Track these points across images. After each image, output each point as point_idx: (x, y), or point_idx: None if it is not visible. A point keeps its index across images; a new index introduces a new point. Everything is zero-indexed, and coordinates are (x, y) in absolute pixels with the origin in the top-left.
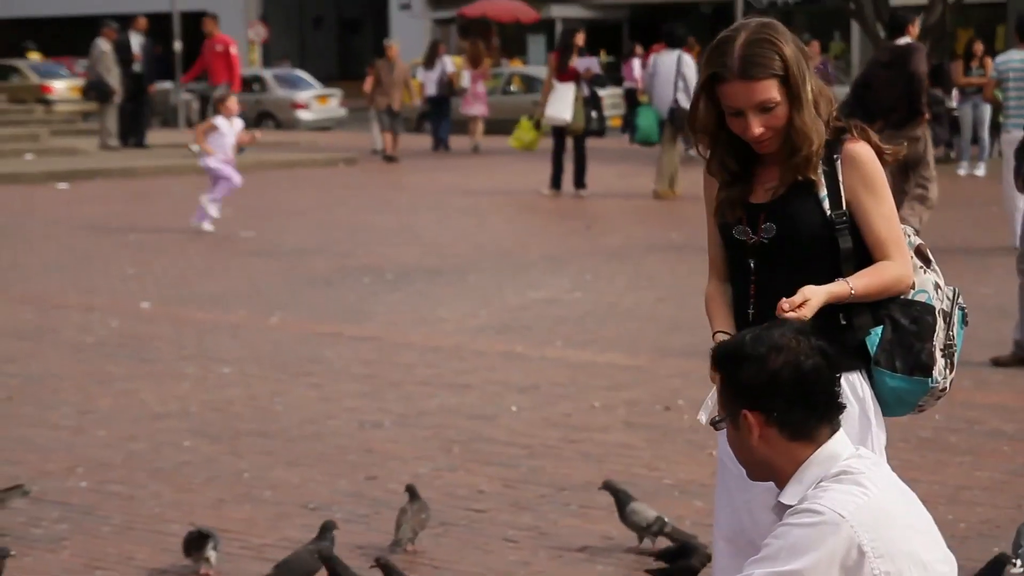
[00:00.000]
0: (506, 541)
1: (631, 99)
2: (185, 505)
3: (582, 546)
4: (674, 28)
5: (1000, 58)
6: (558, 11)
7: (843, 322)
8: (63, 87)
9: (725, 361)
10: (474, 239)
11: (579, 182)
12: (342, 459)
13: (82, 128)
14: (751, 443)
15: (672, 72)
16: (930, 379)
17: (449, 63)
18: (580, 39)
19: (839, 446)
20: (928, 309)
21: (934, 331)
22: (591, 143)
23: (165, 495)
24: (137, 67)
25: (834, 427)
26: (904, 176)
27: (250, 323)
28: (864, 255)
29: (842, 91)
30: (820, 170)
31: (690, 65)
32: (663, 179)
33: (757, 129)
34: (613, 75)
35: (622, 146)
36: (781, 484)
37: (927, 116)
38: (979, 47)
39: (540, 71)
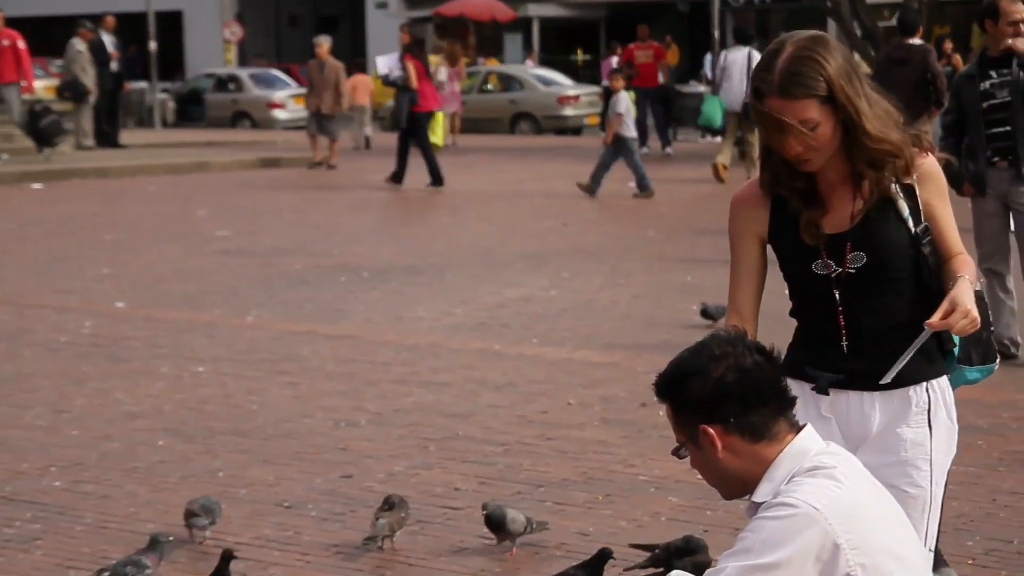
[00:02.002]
0: (482, 539)
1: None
2: (159, 504)
3: (558, 543)
4: (743, 27)
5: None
6: (535, 10)
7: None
8: (37, 87)
9: (669, 387)
10: (451, 237)
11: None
12: (317, 457)
13: None
14: (717, 458)
15: (743, 68)
16: (996, 361)
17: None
18: (404, 38)
19: (807, 442)
20: (980, 295)
21: (987, 316)
22: (569, 141)
23: (139, 494)
24: (115, 66)
25: (792, 422)
26: None
27: (225, 322)
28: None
29: None
30: (897, 187)
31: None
32: (725, 155)
33: (795, 148)
34: (589, 73)
35: (599, 143)
36: (752, 488)
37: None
38: (948, 45)
39: (517, 69)
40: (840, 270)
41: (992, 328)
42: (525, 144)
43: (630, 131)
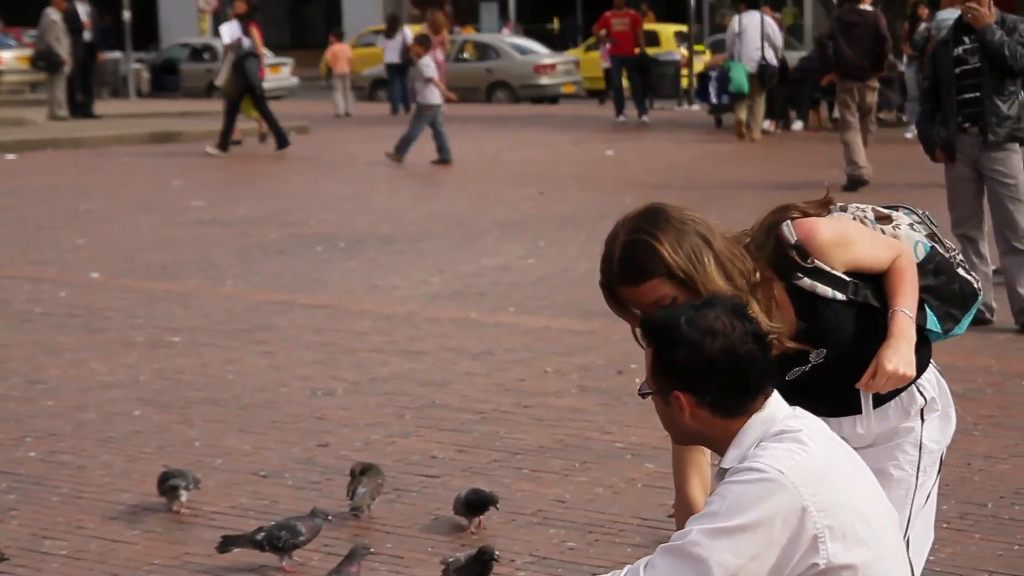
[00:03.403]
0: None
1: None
2: (135, 474)
3: (535, 510)
4: None
5: (940, 14)
6: None
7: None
8: (10, 57)
9: (659, 336)
10: (427, 206)
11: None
12: (294, 427)
13: (30, 99)
14: (682, 421)
15: (758, 31)
16: (980, 294)
17: (408, 33)
18: (238, 8)
19: (775, 408)
20: (933, 253)
21: (951, 262)
22: (545, 109)
23: (115, 464)
24: (88, 35)
25: (768, 394)
26: (861, 119)
27: (201, 292)
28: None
29: (792, 56)
30: (808, 280)
31: (772, 24)
32: (757, 126)
33: None
34: (566, 42)
35: (575, 112)
36: (718, 450)
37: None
38: (924, 11)
39: (493, 38)
40: (807, 367)
41: (959, 274)
42: (501, 113)
43: (435, 98)
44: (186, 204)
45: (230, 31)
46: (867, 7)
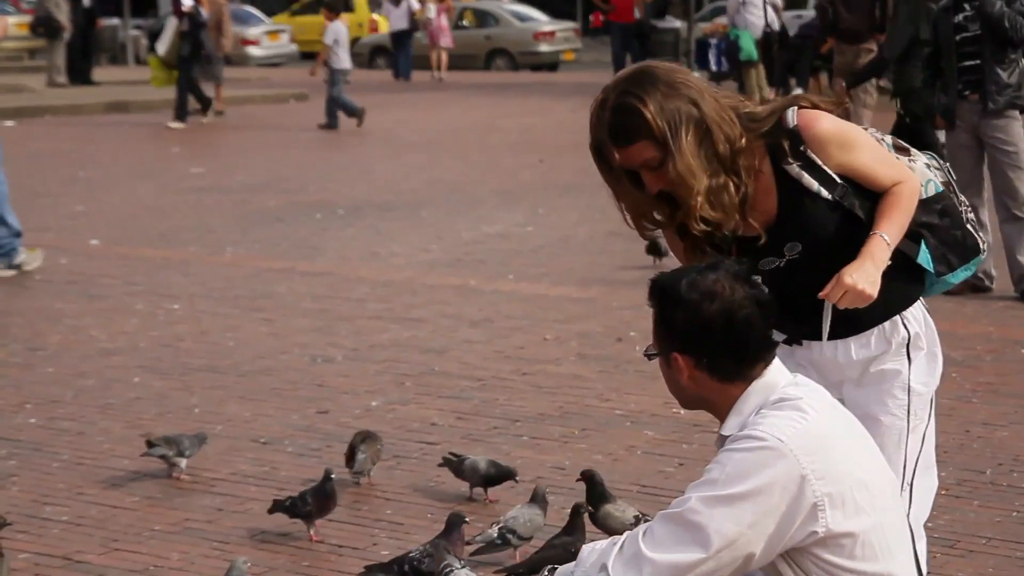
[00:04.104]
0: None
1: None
2: (135, 441)
3: (535, 477)
4: None
5: None
6: None
7: (889, 262)
8: (11, 24)
9: (661, 297)
10: (427, 174)
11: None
12: (294, 394)
13: (29, 65)
14: (682, 382)
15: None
16: (981, 252)
17: (414, 1)
18: None
19: (775, 375)
20: (943, 195)
21: (960, 212)
22: (544, 77)
23: (115, 431)
24: (87, 1)
25: (768, 361)
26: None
27: (201, 259)
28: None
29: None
30: (797, 167)
31: None
32: (764, 91)
33: (654, 187)
34: (565, 9)
35: (575, 79)
36: (720, 416)
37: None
38: None
39: (492, 5)
40: (782, 260)
41: (966, 225)
42: (501, 80)
43: (341, 63)
44: (185, 171)
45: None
46: None
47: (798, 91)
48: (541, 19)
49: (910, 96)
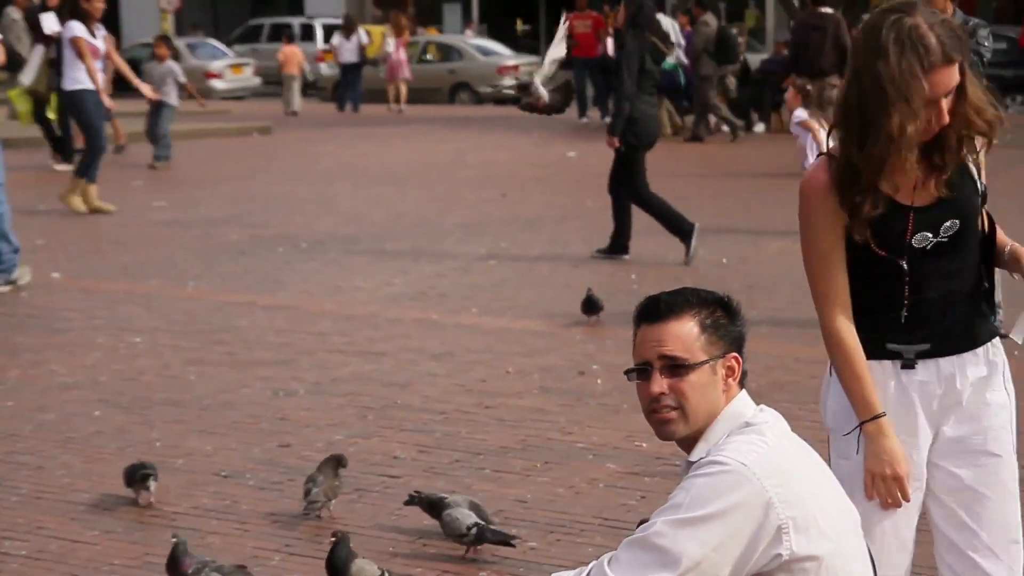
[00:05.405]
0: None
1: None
2: (95, 475)
3: (497, 510)
4: None
5: None
6: None
7: (986, 285)
8: None
9: (725, 306)
10: (390, 208)
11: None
12: (255, 427)
13: None
14: (715, 394)
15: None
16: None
17: (363, 34)
18: (51, 1)
19: (743, 405)
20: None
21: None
22: (508, 111)
23: (75, 465)
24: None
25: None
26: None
27: (163, 293)
28: None
29: (754, 59)
30: (980, 156)
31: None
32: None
33: (945, 116)
34: (529, 44)
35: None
36: (690, 448)
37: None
38: None
39: (456, 39)
40: (936, 239)
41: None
42: (464, 114)
43: (171, 99)
44: (147, 204)
45: (50, 23)
46: (828, 11)
47: (760, 126)
48: (505, 53)
49: None
